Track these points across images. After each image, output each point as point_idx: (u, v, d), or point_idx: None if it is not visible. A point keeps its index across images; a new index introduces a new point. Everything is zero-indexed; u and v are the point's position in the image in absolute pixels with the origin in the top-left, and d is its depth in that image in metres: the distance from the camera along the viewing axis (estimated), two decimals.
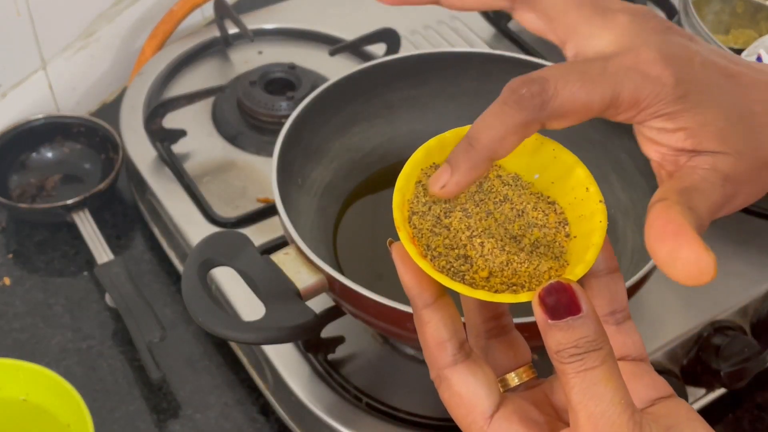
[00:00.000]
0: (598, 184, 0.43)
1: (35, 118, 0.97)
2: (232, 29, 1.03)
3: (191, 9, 1.06)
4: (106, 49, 1.05)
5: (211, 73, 1.02)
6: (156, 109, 0.91)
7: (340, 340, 0.77)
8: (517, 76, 0.38)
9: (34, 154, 0.97)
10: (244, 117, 0.95)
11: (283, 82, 0.98)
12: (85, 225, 0.90)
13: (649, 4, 1.09)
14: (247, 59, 1.03)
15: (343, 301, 0.69)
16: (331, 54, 0.98)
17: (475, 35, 1.06)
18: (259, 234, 0.83)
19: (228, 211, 0.87)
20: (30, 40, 0.96)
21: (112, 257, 0.88)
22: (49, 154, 0.97)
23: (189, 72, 1.02)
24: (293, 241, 0.69)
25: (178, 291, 0.88)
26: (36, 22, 0.95)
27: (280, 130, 0.76)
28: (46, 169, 0.97)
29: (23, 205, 0.91)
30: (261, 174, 0.91)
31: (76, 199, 0.90)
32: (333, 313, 0.74)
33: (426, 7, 1.22)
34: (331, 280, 0.67)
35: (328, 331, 0.76)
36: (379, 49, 1.00)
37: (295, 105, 0.80)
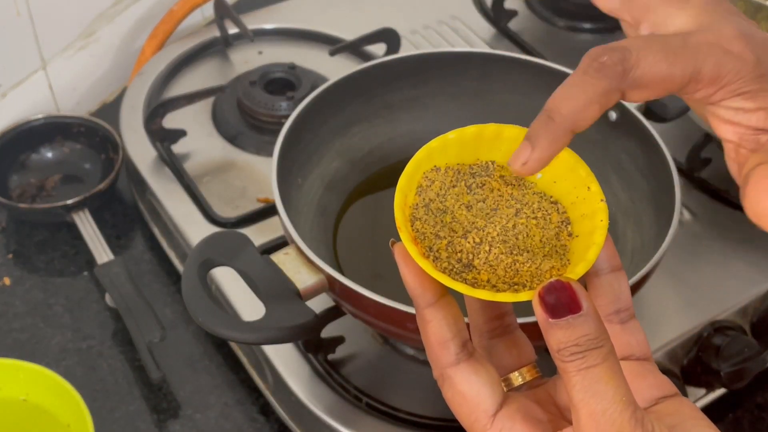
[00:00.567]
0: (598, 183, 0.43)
1: (35, 118, 0.97)
2: (232, 29, 1.03)
3: (191, 9, 1.06)
4: (106, 49, 1.05)
5: (211, 73, 1.02)
6: (156, 109, 0.91)
7: (340, 340, 0.77)
8: (597, 46, 0.38)
9: (34, 154, 0.97)
10: (244, 117, 0.95)
11: (283, 82, 0.98)
12: (85, 225, 0.90)
13: None
14: (247, 59, 1.03)
15: (343, 301, 0.69)
16: (331, 54, 0.98)
17: (475, 35, 1.06)
18: (259, 234, 0.83)
19: (228, 211, 0.87)
20: (30, 40, 0.96)
21: (112, 257, 0.88)
22: (49, 154, 0.97)
23: (189, 72, 1.02)
24: (293, 241, 0.69)
25: (178, 291, 0.88)
26: (36, 22, 0.95)
27: (280, 130, 0.76)
28: (46, 169, 0.97)
29: (23, 205, 0.91)
30: (261, 174, 0.91)
31: (76, 199, 0.90)
32: (333, 313, 0.74)
33: (426, 7, 1.23)
34: (331, 280, 0.67)
35: (328, 331, 0.76)
36: (379, 49, 1.00)
37: (295, 105, 0.80)
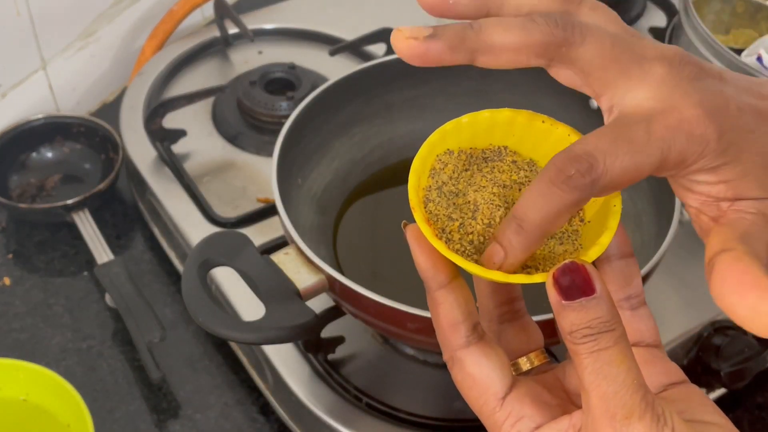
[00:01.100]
0: None
1: (35, 118, 0.97)
2: (232, 29, 1.04)
3: (191, 9, 1.06)
4: (106, 49, 1.05)
5: (211, 73, 1.02)
6: (156, 109, 0.91)
7: (340, 340, 0.77)
8: (560, 152, 0.37)
9: (34, 154, 0.97)
10: (244, 117, 0.95)
11: (283, 82, 0.98)
12: (85, 225, 0.90)
13: (650, 5, 1.09)
14: (247, 59, 1.03)
15: (343, 301, 0.69)
16: (331, 54, 0.98)
17: None
18: (259, 234, 0.83)
19: (228, 211, 0.87)
20: (30, 40, 0.96)
21: (112, 257, 0.88)
22: (49, 154, 0.97)
23: (189, 72, 1.02)
24: (293, 241, 0.69)
25: (178, 291, 0.88)
26: (36, 22, 0.95)
27: (280, 130, 0.76)
28: (46, 169, 0.97)
29: (23, 205, 0.91)
30: (261, 174, 0.91)
31: (76, 199, 0.90)
32: (333, 313, 0.74)
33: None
34: (331, 280, 0.67)
35: (328, 331, 0.76)
36: (379, 49, 1.00)
37: (295, 105, 0.80)
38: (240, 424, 0.79)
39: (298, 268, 0.68)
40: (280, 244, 0.80)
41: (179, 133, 0.92)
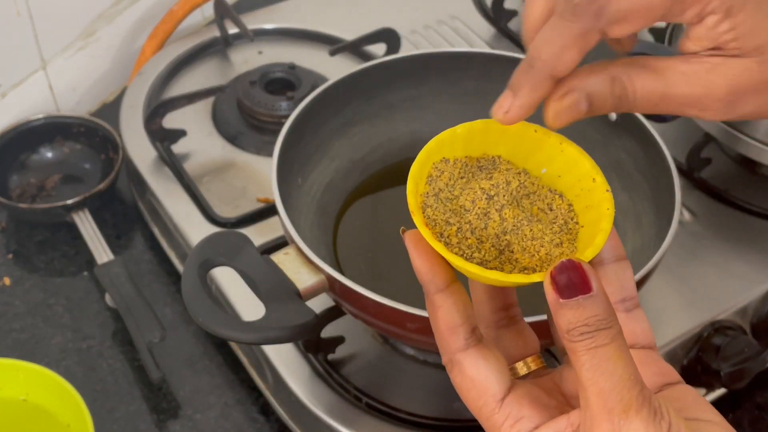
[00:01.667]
0: None
1: (35, 118, 0.97)
2: (232, 29, 1.03)
3: (191, 9, 1.06)
4: (106, 49, 1.05)
5: (211, 73, 1.02)
6: (156, 109, 0.91)
7: (340, 340, 0.77)
8: None
9: (34, 154, 0.97)
10: (244, 117, 0.95)
11: (283, 82, 0.98)
12: (85, 225, 0.90)
13: None
14: (247, 59, 1.03)
15: (343, 301, 0.69)
16: (331, 54, 0.98)
17: (475, 35, 1.06)
18: (259, 234, 0.83)
19: (228, 211, 0.87)
20: (30, 40, 0.96)
21: (112, 257, 0.88)
22: (49, 154, 0.97)
23: (189, 72, 1.02)
24: (293, 241, 0.69)
25: (178, 291, 0.88)
26: (36, 22, 0.95)
27: (280, 130, 0.76)
28: (46, 169, 0.97)
29: (23, 205, 0.91)
30: (261, 174, 0.91)
31: (76, 199, 0.90)
32: (333, 313, 0.74)
33: (426, 7, 1.22)
34: (331, 280, 0.67)
35: (328, 331, 0.76)
36: (379, 49, 1.00)
37: (295, 105, 0.80)
38: (240, 424, 0.79)
39: (298, 268, 0.68)
40: (280, 244, 0.80)
41: (179, 133, 0.92)
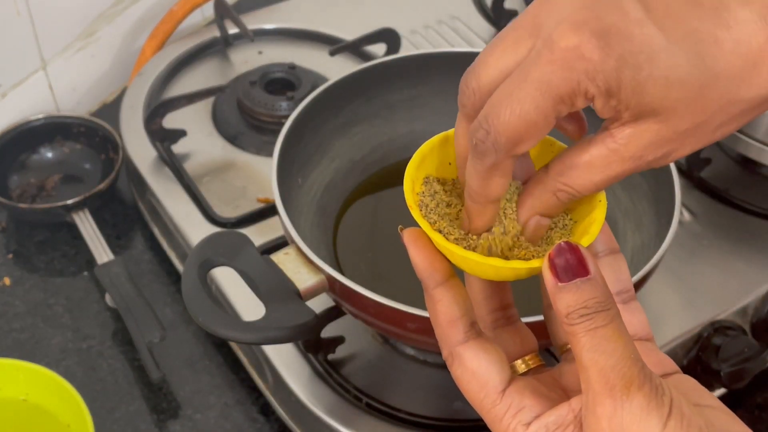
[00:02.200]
0: None
1: (35, 118, 0.97)
2: (232, 29, 1.03)
3: (191, 9, 1.06)
4: (106, 49, 1.05)
5: (211, 73, 1.02)
6: (156, 109, 0.91)
7: (340, 340, 0.77)
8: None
9: (34, 154, 0.97)
10: (244, 117, 0.95)
11: (283, 82, 0.98)
12: (85, 225, 0.90)
13: None
14: (247, 59, 1.03)
15: (343, 301, 0.69)
16: (331, 54, 0.98)
17: (475, 35, 1.06)
18: (259, 234, 0.83)
19: (228, 211, 0.87)
20: (30, 40, 0.96)
21: (112, 257, 0.88)
22: (49, 154, 0.97)
23: (189, 72, 1.02)
24: (293, 241, 0.69)
25: (178, 291, 0.88)
26: (36, 22, 0.95)
27: (280, 130, 0.76)
28: (46, 169, 0.97)
29: (23, 205, 0.91)
30: (261, 174, 0.91)
31: (76, 199, 0.90)
32: (333, 313, 0.74)
33: (426, 7, 1.22)
34: (331, 280, 0.67)
35: (328, 331, 0.76)
36: (379, 49, 1.00)
37: (295, 105, 0.80)
38: (240, 424, 0.79)
39: (298, 268, 0.68)
40: (280, 244, 0.80)
41: (179, 133, 0.92)
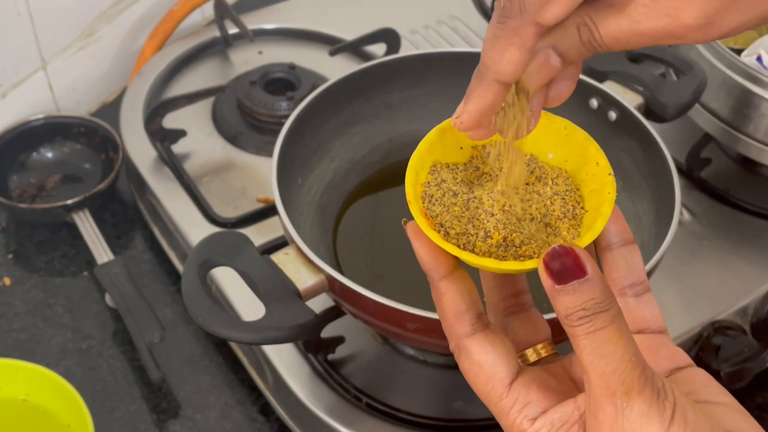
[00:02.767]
0: None
1: (35, 118, 0.97)
2: (232, 29, 1.04)
3: (191, 9, 1.06)
4: (106, 49, 1.05)
5: (211, 73, 1.02)
6: (156, 109, 0.91)
7: (340, 340, 0.77)
8: None
9: (34, 154, 0.97)
10: (244, 117, 0.95)
11: (283, 82, 0.98)
12: (85, 225, 0.90)
13: None
14: (247, 59, 1.03)
15: (343, 301, 0.69)
16: (331, 54, 0.98)
17: (475, 35, 1.06)
18: (259, 234, 0.83)
19: (228, 211, 0.87)
20: (30, 40, 0.96)
21: (112, 257, 0.88)
22: (49, 154, 0.97)
23: (189, 72, 1.02)
24: (293, 241, 0.69)
25: (178, 291, 0.88)
26: (36, 22, 0.95)
27: (280, 130, 0.76)
28: (46, 169, 0.97)
29: (23, 205, 0.91)
30: (261, 174, 0.91)
31: (76, 199, 0.90)
32: (333, 313, 0.74)
33: (426, 7, 1.22)
34: (331, 280, 0.67)
35: (328, 331, 0.76)
36: (379, 49, 1.00)
37: (295, 105, 0.80)
38: (240, 424, 0.79)
39: (298, 268, 0.68)
40: (280, 244, 0.80)
41: (179, 133, 0.92)
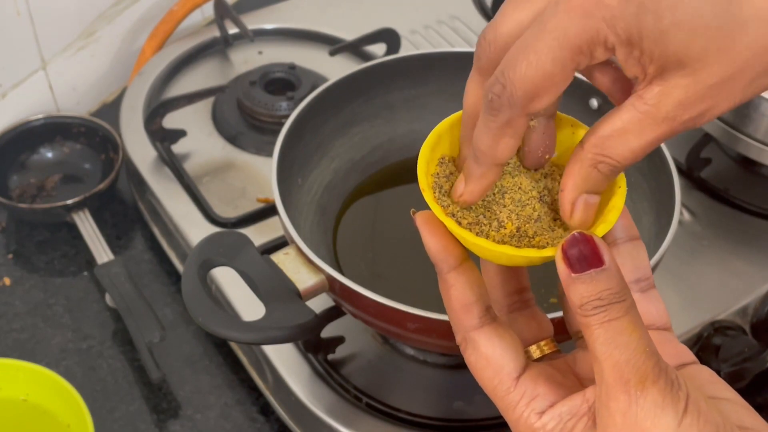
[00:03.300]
0: None
1: (35, 118, 0.97)
2: (232, 29, 1.04)
3: (191, 9, 1.06)
4: (106, 49, 1.05)
5: (211, 73, 1.02)
6: (156, 109, 0.91)
7: (340, 340, 0.77)
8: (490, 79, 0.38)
9: (34, 154, 0.97)
10: (244, 117, 0.95)
11: (283, 82, 0.98)
12: (85, 225, 0.90)
13: None
14: (247, 59, 1.03)
15: (343, 301, 0.69)
16: (331, 54, 0.98)
17: (475, 35, 1.06)
18: (259, 234, 0.83)
19: (228, 211, 0.87)
20: (30, 40, 0.96)
21: (112, 257, 0.88)
22: (49, 154, 0.97)
23: (189, 72, 1.02)
24: (293, 241, 0.69)
25: (178, 291, 0.88)
26: (36, 22, 0.95)
27: (280, 130, 0.76)
28: (46, 169, 0.97)
29: (23, 205, 0.91)
30: (261, 174, 0.91)
31: (76, 199, 0.90)
32: (333, 313, 0.74)
33: (426, 7, 1.22)
34: (331, 280, 0.67)
35: (328, 331, 0.76)
36: (379, 49, 1.00)
37: (295, 105, 0.80)
38: (240, 424, 0.79)
39: (298, 268, 0.68)
40: (280, 244, 0.80)
41: (179, 133, 0.92)
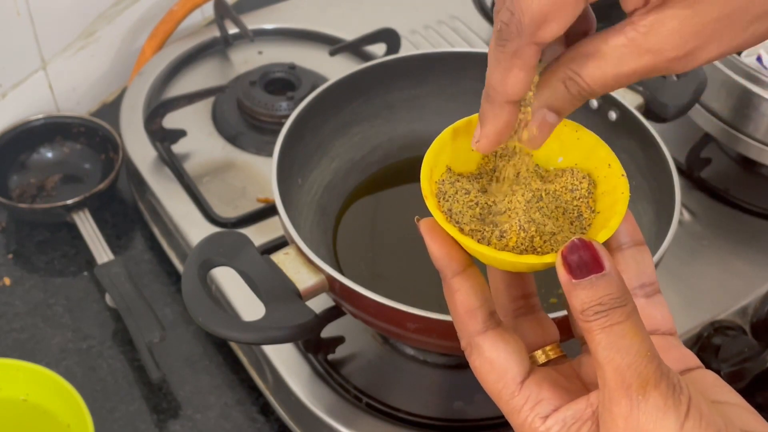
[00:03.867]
0: None
1: (35, 118, 0.97)
2: (232, 29, 1.04)
3: (191, 9, 1.06)
4: (106, 49, 1.05)
5: (211, 73, 1.02)
6: (156, 109, 0.91)
7: (340, 340, 0.77)
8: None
9: (34, 154, 0.97)
10: (244, 117, 0.95)
11: (283, 82, 0.98)
12: (85, 225, 0.90)
13: None
14: (247, 59, 1.03)
15: (343, 301, 0.69)
16: (331, 54, 0.98)
17: (475, 35, 1.06)
18: (259, 234, 0.83)
19: (228, 211, 0.87)
20: (30, 40, 0.96)
21: (112, 257, 0.88)
22: (49, 154, 0.97)
23: (189, 72, 1.02)
24: (293, 241, 0.69)
25: (178, 291, 0.88)
26: (36, 22, 0.95)
27: (280, 130, 0.76)
28: (46, 169, 0.97)
29: (23, 205, 0.91)
30: (261, 174, 0.91)
31: (76, 199, 0.90)
32: (333, 313, 0.74)
33: (426, 7, 1.22)
34: (331, 280, 0.67)
35: (328, 331, 0.76)
36: (379, 49, 1.00)
37: (295, 105, 0.80)
38: (240, 424, 0.79)
39: (298, 268, 0.68)
40: (280, 244, 0.80)
41: (179, 133, 0.92)
